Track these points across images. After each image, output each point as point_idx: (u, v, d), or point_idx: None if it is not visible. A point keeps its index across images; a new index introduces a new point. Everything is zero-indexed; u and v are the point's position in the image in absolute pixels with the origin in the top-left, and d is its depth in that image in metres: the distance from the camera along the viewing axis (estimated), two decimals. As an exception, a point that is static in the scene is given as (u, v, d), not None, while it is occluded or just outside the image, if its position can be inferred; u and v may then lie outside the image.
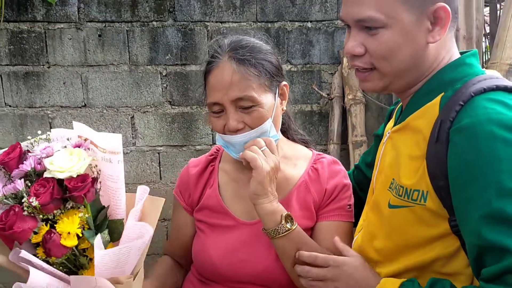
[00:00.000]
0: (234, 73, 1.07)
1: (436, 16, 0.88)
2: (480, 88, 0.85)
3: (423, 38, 0.89)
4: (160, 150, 2.59)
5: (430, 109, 0.91)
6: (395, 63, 0.90)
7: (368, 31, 0.89)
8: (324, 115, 2.62)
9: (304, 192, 1.19)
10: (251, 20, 2.49)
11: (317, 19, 2.52)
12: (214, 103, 1.10)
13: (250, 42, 1.12)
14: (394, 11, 0.87)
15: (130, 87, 2.52)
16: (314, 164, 1.22)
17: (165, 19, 2.47)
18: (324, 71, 2.59)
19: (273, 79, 1.12)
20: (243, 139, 1.09)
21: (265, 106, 1.09)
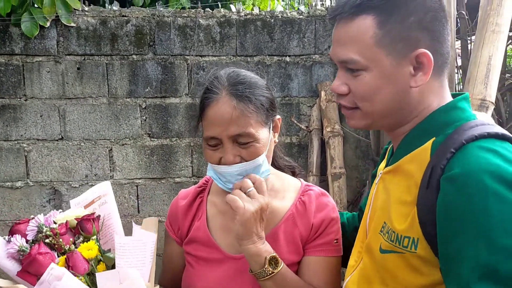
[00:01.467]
0: (234, 110, 1.07)
1: (419, 61, 0.87)
2: (471, 136, 0.83)
3: (405, 82, 0.89)
4: (139, 183, 2.56)
5: (421, 154, 0.89)
6: (376, 104, 0.91)
7: (351, 72, 0.91)
8: (303, 147, 2.65)
9: (291, 226, 1.18)
10: (231, 54, 2.53)
11: (295, 53, 2.58)
12: (211, 137, 1.10)
13: (247, 77, 1.13)
14: (374, 55, 0.88)
15: (109, 120, 2.51)
16: (302, 196, 1.21)
17: (145, 52, 2.49)
18: (302, 104, 2.63)
19: (269, 114, 1.13)
20: (236, 171, 1.09)
21: (261, 141, 1.09)
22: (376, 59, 0.88)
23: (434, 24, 0.88)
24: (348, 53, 0.89)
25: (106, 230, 1.18)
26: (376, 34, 0.87)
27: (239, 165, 1.08)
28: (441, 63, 0.90)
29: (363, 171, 2.67)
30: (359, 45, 0.88)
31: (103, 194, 1.16)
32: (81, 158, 2.53)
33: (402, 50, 0.87)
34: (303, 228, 1.16)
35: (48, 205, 2.55)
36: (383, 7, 0.87)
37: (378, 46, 0.87)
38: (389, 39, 0.87)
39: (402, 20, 0.86)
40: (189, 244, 1.23)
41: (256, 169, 1.09)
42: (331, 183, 2.50)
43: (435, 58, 0.87)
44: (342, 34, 0.91)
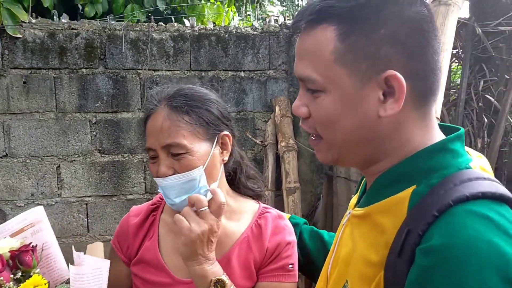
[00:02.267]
0: (165, 119, 1.06)
1: (390, 85, 0.69)
2: (461, 195, 0.65)
3: (372, 110, 0.71)
4: (88, 201, 2.47)
5: (396, 205, 0.71)
6: (338, 134, 0.74)
7: (311, 93, 0.75)
8: (258, 162, 2.64)
9: (245, 249, 1.14)
10: (185, 68, 2.50)
11: (250, 68, 2.59)
12: (148, 148, 1.09)
13: (192, 90, 1.12)
14: (334, 74, 0.71)
15: (57, 135, 2.41)
16: (258, 219, 1.18)
17: (95, 66, 2.43)
18: (257, 118, 2.63)
19: (210, 128, 1.10)
20: (168, 183, 1.06)
21: (196, 154, 1.06)
22: (336, 79, 0.71)
23: (413, 39, 0.69)
24: (305, 69, 0.74)
25: (45, 261, 1.09)
26: (337, 48, 0.70)
27: (170, 177, 1.05)
28: (422, 89, 0.71)
29: (318, 185, 2.69)
30: (317, 61, 0.72)
31: (36, 221, 1.07)
32: (26, 176, 2.41)
33: (368, 70, 0.69)
34: (257, 253, 1.14)
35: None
36: (345, 15, 0.70)
37: (339, 63, 0.70)
38: (352, 56, 0.69)
39: (369, 32, 0.69)
40: (137, 264, 1.18)
41: (190, 183, 1.06)
42: (286, 198, 2.50)
43: (412, 82, 0.69)
44: (301, 47, 0.76)
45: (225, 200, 1.05)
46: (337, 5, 0.70)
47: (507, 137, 2.35)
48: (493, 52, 2.38)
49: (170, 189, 1.07)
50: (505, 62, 2.41)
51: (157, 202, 1.24)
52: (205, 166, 1.08)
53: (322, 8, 0.71)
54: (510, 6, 2.45)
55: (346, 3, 0.70)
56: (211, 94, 1.15)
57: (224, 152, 1.14)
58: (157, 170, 1.07)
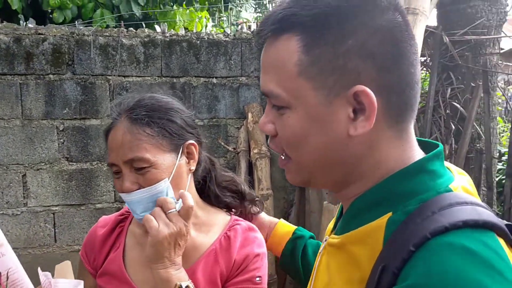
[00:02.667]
0: (125, 133, 1.02)
1: (360, 101, 0.63)
2: (440, 226, 0.58)
3: (341, 128, 0.65)
4: (56, 210, 2.40)
5: (372, 235, 0.65)
6: (306, 155, 0.68)
7: (277, 109, 0.69)
8: (231, 168, 2.62)
9: (212, 262, 1.12)
10: (156, 74, 2.48)
11: (222, 75, 2.58)
12: (111, 164, 1.05)
13: (153, 100, 1.08)
14: (298, 89, 0.65)
15: (22, 143, 2.34)
16: (228, 231, 1.15)
17: (63, 72, 2.37)
18: (230, 125, 2.62)
19: (174, 139, 1.08)
20: (134, 198, 1.04)
21: (160, 167, 1.03)
22: (302, 95, 0.65)
23: (385, 50, 0.63)
24: (269, 84, 0.67)
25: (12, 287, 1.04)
26: (301, 61, 0.64)
27: (135, 192, 1.03)
28: (397, 105, 0.65)
29: (290, 192, 2.69)
30: (281, 75, 0.66)
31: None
32: (-10, 185, 2.33)
33: (335, 84, 0.63)
34: (224, 265, 1.11)
35: (-49, 237, 2.32)
36: (309, 24, 0.63)
37: (304, 77, 0.64)
38: (317, 69, 0.63)
39: (335, 43, 0.63)
40: (101, 277, 1.15)
41: (156, 196, 1.04)
42: (259, 205, 2.49)
43: (385, 97, 0.63)
44: (264, 59, 0.70)
45: (193, 203, 1.03)
46: (300, 13, 0.64)
47: (473, 143, 2.41)
48: (460, 61, 2.44)
49: (136, 204, 1.04)
50: (471, 70, 2.47)
51: (125, 212, 1.21)
52: (171, 178, 1.05)
53: (284, 17, 0.65)
54: (475, 16, 2.52)
55: (310, 11, 0.63)
56: (174, 103, 1.12)
57: (191, 162, 1.12)
58: (121, 186, 1.04)
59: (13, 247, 2.28)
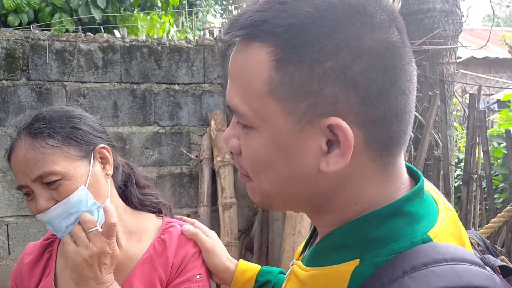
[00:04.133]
0: (27, 150, 0.96)
1: (335, 133, 0.53)
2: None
3: (311, 161, 0.55)
4: (9, 221, 2.30)
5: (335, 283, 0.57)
6: (268, 182, 0.59)
7: (241, 127, 0.60)
8: (194, 177, 2.59)
9: (148, 270, 1.09)
10: (115, 80, 2.42)
11: (184, 82, 2.54)
12: (20, 186, 1.00)
13: (50, 112, 1.04)
14: (265, 111, 0.55)
15: (-28, 152, 2.23)
16: (162, 235, 1.12)
17: (17, 77, 2.28)
18: (193, 132, 2.58)
19: (82, 145, 1.04)
20: (53, 215, 0.99)
21: (73, 177, 0.98)
22: (269, 117, 0.56)
23: (372, 77, 0.52)
24: (234, 97, 0.58)
25: None
26: (272, 78, 0.54)
27: (53, 208, 0.98)
28: (381, 139, 0.55)
29: (254, 200, 2.68)
30: (247, 91, 0.57)
31: None
32: None
33: (308, 111, 0.54)
34: (162, 270, 1.09)
35: None
36: (283, 37, 0.53)
37: (273, 97, 0.55)
38: (289, 91, 0.54)
39: (312, 63, 0.52)
40: None
41: (76, 206, 1.00)
42: (222, 213, 2.46)
43: (367, 130, 0.54)
44: (232, 66, 0.60)
45: (115, 219, 0.99)
46: (273, 22, 0.54)
47: (431, 150, 2.47)
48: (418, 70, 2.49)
49: (57, 221, 0.99)
50: (429, 80, 2.53)
51: (51, 236, 1.15)
52: (87, 185, 1.02)
53: (254, 22, 0.55)
54: (433, 26, 2.59)
55: (285, 20, 0.53)
56: (74, 110, 1.08)
57: (106, 166, 1.08)
58: (36, 206, 1.00)
59: (-38, 261, 2.14)
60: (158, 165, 2.50)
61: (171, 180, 2.53)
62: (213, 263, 1.11)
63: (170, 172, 2.54)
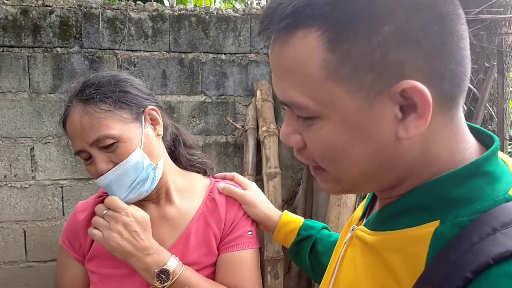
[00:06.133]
0: (82, 116, 1.00)
1: (408, 97, 0.52)
2: (505, 252, 0.46)
3: (388, 132, 0.54)
4: (64, 184, 2.41)
5: (414, 247, 0.54)
6: (346, 168, 0.57)
7: (302, 120, 0.58)
8: (239, 147, 2.61)
9: (203, 225, 1.13)
10: (164, 50, 2.44)
11: (231, 51, 2.54)
12: (77, 151, 1.04)
13: (98, 77, 1.06)
14: (329, 95, 0.53)
15: (30, 116, 2.34)
16: (211, 193, 1.17)
17: (70, 45, 2.35)
18: (238, 102, 2.59)
19: (133, 108, 1.06)
20: (113, 177, 1.02)
21: (128, 140, 1.02)
22: (334, 101, 0.53)
23: (432, 29, 0.51)
24: (288, 93, 0.56)
25: None
26: (328, 61, 0.52)
27: (112, 171, 1.01)
28: (450, 90, 0.54)
29: (298, 171, 2.68)
30: (303, 82, 0.54)
31: None
32: (-2, 158, 2.34)
33: (375, 83, 0.52)
34: (216, 226, 1.13)
35: (-40, 208, 2.34)
36: (331, 15, 0.51)
37: (334, 80, 0.52)
38: (349, 68, 0.52)
39: (368, 33, 0.50)
40: (91, 261, 1.14)
41: (134, 168, 1.02)
42: (266, 183, 2.48)
43: (436, 86, 0.52)
44: (276, 62, 0.57)
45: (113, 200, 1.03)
46: (315, 3, 0.51)
47: (485, 124, 2.37)
48: (474, 40, 2.38)
49: (117, 184, 1.03)
50: (485, 50, 2.41)
51: (103, 194, 1.20)
52: (142, 147, 1.05)
53: (296, 10, 0.52)
54: (492, -6, 2.45)
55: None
56: (120, 75, 1.10)
57: (157, 127, 1.11)
58: (96, 169, 1.03)
59: (22, 220, 2.30)
60: (204, 134, 2.54)
61: (217, 149, 2.56)
62: (253, 214, 1.16)
63: (216, 141, 2.57)
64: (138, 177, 1.02)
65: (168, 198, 1.14)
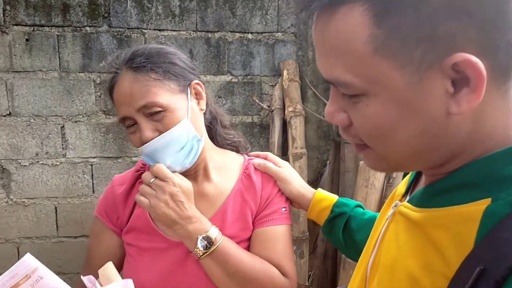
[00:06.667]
0: (132, 82, 1.01)
1: (460, 71, 0.50)
2: None
3: (439, 108, 0.52)
4: (93, 161, 2.46)
5: (462, 224, 0.53)
6: (394, 146, 0.56)
7: (347, 98, 0.57)
8: (265, 127, 2.61)
9: (239, 201, 1.15)
10: (191, 29, 2.44)
11: (258, 31, 2.52)
12: (123, 117, 1.05)
13: (147, 48, 1.07)
14: (376, 71, 0.52)
15: (60, 95, 2.38)
16: (247, 170, 1.18)
17: (99, 24, 2.36)
18: (265, 82, 2.58)
19: (180, 80, 1.07)
20: (158, 145, 1.03)
21: (175, 110, 1.02)
22: (381, 78, 0.52)
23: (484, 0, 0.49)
24: (333, 70, 0.55)
25: None
26: (374, 36, 0.51)
27: (157, 139, 1.02)
28: (505, 61, 0.51)
29: (324, 152, 2.67)
30: (349, 58, 0.53)
31: (31, 271, 0.92)
32: (31, 135, 2.39)
33: (425, 57, 0.50)
34: (252, 202, 1.14)
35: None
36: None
37: (381, 55, 0.51)
38: (397, 43, 0.50)
39: (416, 5, 0.49)
40: (128, 233, 1.17)
41: (179, 138, 1.03)
42: (292, 163, 2.48)
43: (490, 58, 0.50)
44: (320, 40, 0.56)
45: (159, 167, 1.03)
46: None
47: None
48: None
49: (161, 152, 1.03)
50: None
51: (140, 168, 1.21)
52: (189, 118, 1.06)
53: None
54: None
55: None
56: (168, 47, 1.11)
57: (201, 102, 1.12)
58: (140, 136, 1.04)
59: (53, 196, 2.35)
60: (231, 113, 2.54)
61: (243, 129, 2.57)
62: (287, 191, 1.17)
63: (242, 121, 2.57)
64: (183, 147, 1.03)
65: (205, 174, 1.16)
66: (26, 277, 0.94)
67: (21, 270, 0.92)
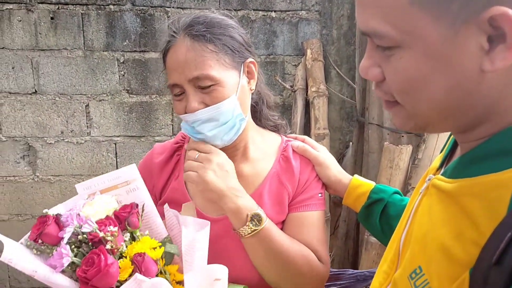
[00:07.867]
0: (188, 50, 0.98)
1: (496, 26, 0.49)
2: None
3: (472, 64, 0.51)
4: (117, 140, 2.48)
5: (494, 191, 0.53)
6: (424, 102, 0.56)
7: (382, 50, 0.57)
8: (287, 107, 2.59)
9: (276, 184, 1.12)
10: (214, 7, 2.41)
11: (281, 9, 2.48)
12: (173, 84, 1.02)
13: (209, 17, 1.04)
14: (411, 23, 0.52)
15: (85, 74, 2.40)
16: (284, 152, 1.16)
17: (123, 3, 2.36)
18: (287, 62, 2.55)
19: (236, 56, 1.03)
20: (202, 116, 1.02)
21: (226, 85, 0.99)
22: (416, 29, 0.52)
23: None
24: (370, 21, 0.55)
25: (145, 220, 1.04)
26: None
27: (203, 110, 1.00)
28: None
29: (347, 133, 2.64)
30: (386, 8, 0.53)
31: (131, 179, 1.00)
32: (56, 113, 2.43)
33: (462, 10, 0.49)
34: (289, 185, 1.12)
35: (22, 161, 2.46)
36: None
37: (418, 6, 0.51)
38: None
39: None
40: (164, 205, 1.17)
41: (223, 114, 1.01)
42: (315, 144, 2.46)
43: None
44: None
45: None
46: None
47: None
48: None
49: (204, 124, 1.02)
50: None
51: (180, 141, 1.20)
52: (237, 96, 1.03)
53: None
54: None
55: None
56: (230, 20, 1.07)
57: (251, 81, 1.08)
58: (186, 106, 1.02)
59: (78, 174, 2.38)
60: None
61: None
62: (325, 176, 1.14)
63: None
64: (226, 123, 1.02)
65: (244, 154, 1.13)
66: (126, 183, 1.02)
67: (123, 175, 1.01)
